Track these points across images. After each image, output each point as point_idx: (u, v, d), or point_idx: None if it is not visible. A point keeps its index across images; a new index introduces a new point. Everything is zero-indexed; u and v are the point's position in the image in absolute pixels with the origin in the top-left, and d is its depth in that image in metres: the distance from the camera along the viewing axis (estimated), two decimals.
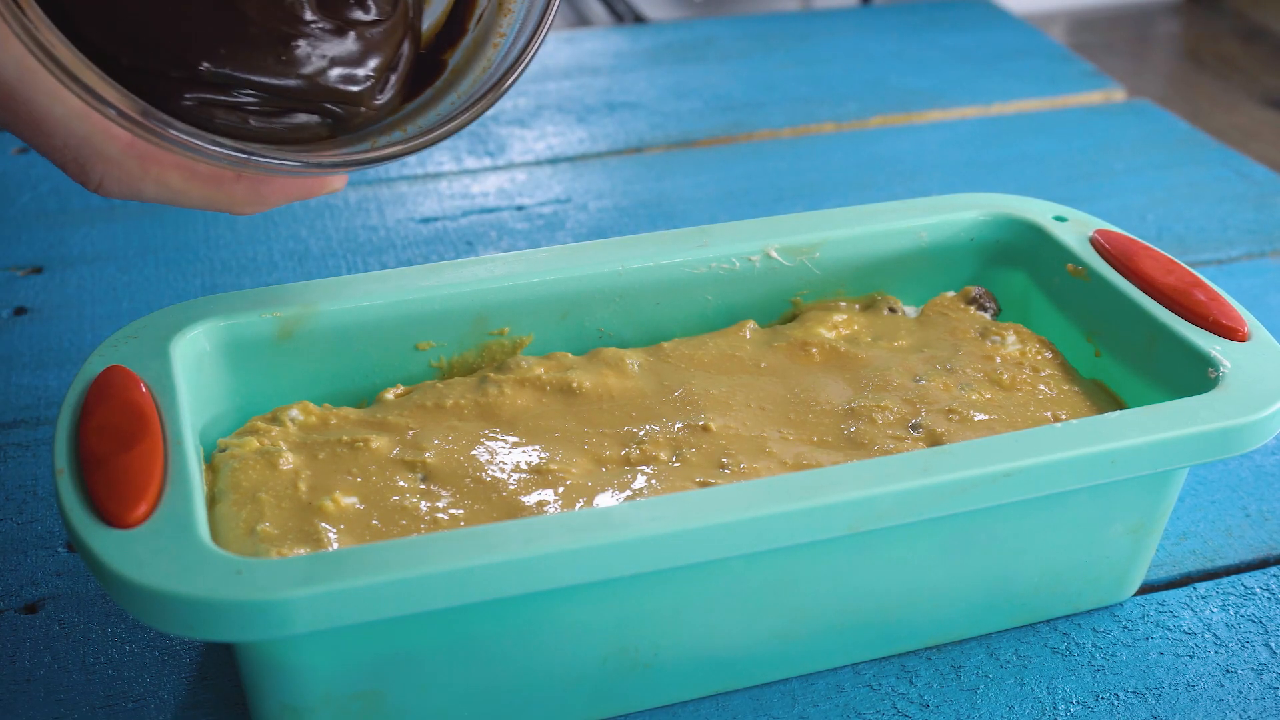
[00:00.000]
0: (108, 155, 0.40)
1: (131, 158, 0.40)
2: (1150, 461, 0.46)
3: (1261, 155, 1.56)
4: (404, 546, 0.40)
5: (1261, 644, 0.50)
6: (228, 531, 0.44)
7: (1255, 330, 0.50)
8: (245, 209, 0.45)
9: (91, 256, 0.74)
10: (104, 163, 0.40)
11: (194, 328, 0.49)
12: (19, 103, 0.38)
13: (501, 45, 0.48)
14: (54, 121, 0.38)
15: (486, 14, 0.49)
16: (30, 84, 0.38)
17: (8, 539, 0.54)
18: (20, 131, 0.39)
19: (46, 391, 0.63)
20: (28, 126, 0.39)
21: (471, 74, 0.48)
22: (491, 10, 0.49)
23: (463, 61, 0.49)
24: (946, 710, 0.47)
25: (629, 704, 0.47)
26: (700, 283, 0.55)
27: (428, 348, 0.53)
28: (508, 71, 0.47)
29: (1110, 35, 2.13)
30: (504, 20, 0.49)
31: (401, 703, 0.43)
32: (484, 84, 0.47)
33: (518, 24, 0.48)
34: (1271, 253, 0.76)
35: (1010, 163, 0.86)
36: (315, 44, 0.45)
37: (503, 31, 0.49)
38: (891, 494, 0.43)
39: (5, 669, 0.48)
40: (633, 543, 0.41)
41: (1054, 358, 0.54)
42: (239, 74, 0.43)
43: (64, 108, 0.38)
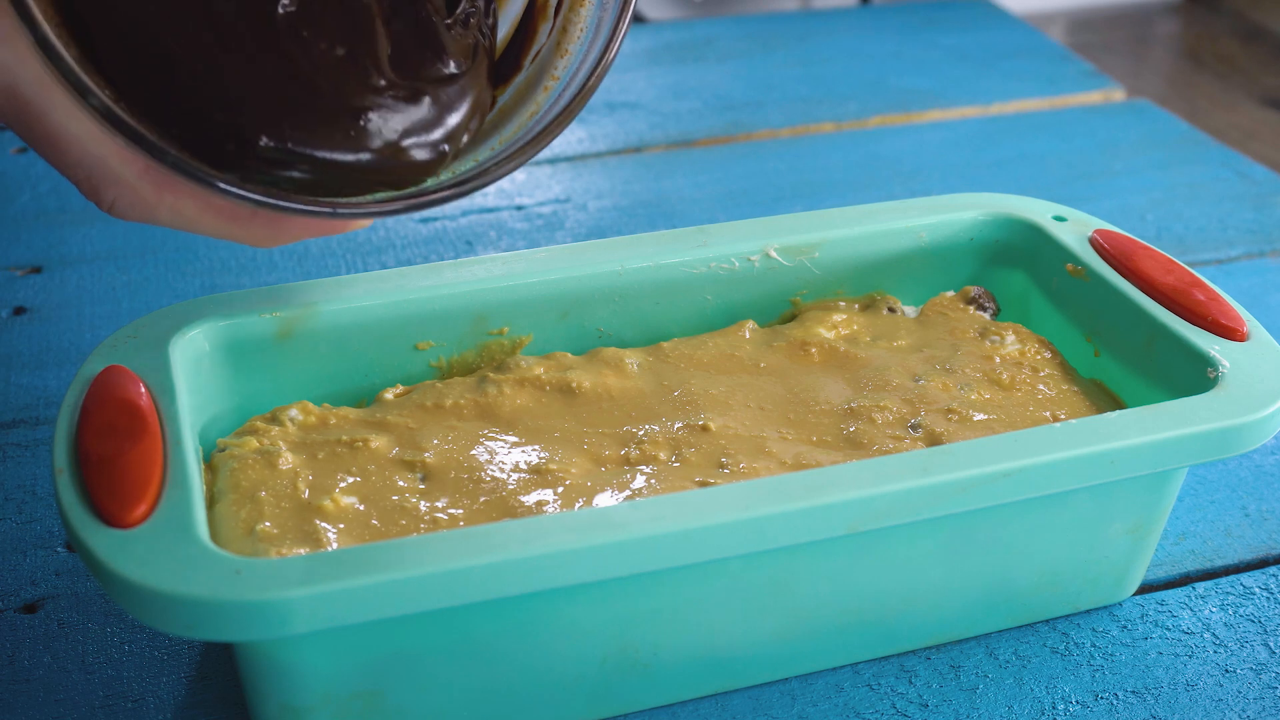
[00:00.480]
0: (122, 178, 0.39)
1: (146, 183, 0.39)
2: (1150, 461, 0.46)
3: (1261, 155, 1.56)
4: (404, 546, 0.40)
5: (1260, 644, 0.50)
6: (227, 531, 0.44)
7: (1255, 330, 0.50)
8: (262, 244, 0.44)
9: (91, 256, 0.74)
10: (117, 186, 0.39)
11: (194, 327, 0.49)
12: (35, 118, 0.38)
13: (553, 90, 0.46)
14: (69, 140, 0.38)
15: (544, 51, 0.47)
16: (47, 100, 0.37)
17: (7, 539, 0.54)
18: (36, 146, 0.38)
19: (46, 391, 0.63)
20: (43, 142, 0.38)
21: (518, 118, 0.46)
22: (549, 49, 0.47)
23: (512, 101, 0.47)
24: (946, 710, 0.47)
25: (629, 704, 0.47)
26: (700, 283, 0.55)
27: (427, 347, 0.53)
28: (554, 123, 0.44)
29: (1110, 35, 2.13)
30: (560, 62, 0.46)
31: (401, 703, 0.43)
32: (528, 132, 0.45)
33: (572, 67, 0.46)
34: (1271, 252, 0.76)
35: (1010, 163, 0.86)
36: (389, 115, 0.42)
37: (556, 74, 0.46)
38: (891, 494, 0.43)
39: (5, 669, 0.48)
40: (633, 543, 0.41)
41: (1053, 358, 0.54)
42: (302, 150, 0.41)
43: (80, 127, 0.38)
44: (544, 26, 0.47)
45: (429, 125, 0.43)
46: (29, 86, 0.37)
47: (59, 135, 0.38)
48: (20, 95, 0.37)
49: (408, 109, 0.42)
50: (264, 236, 0.43)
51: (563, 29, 0.47)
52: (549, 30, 0.47)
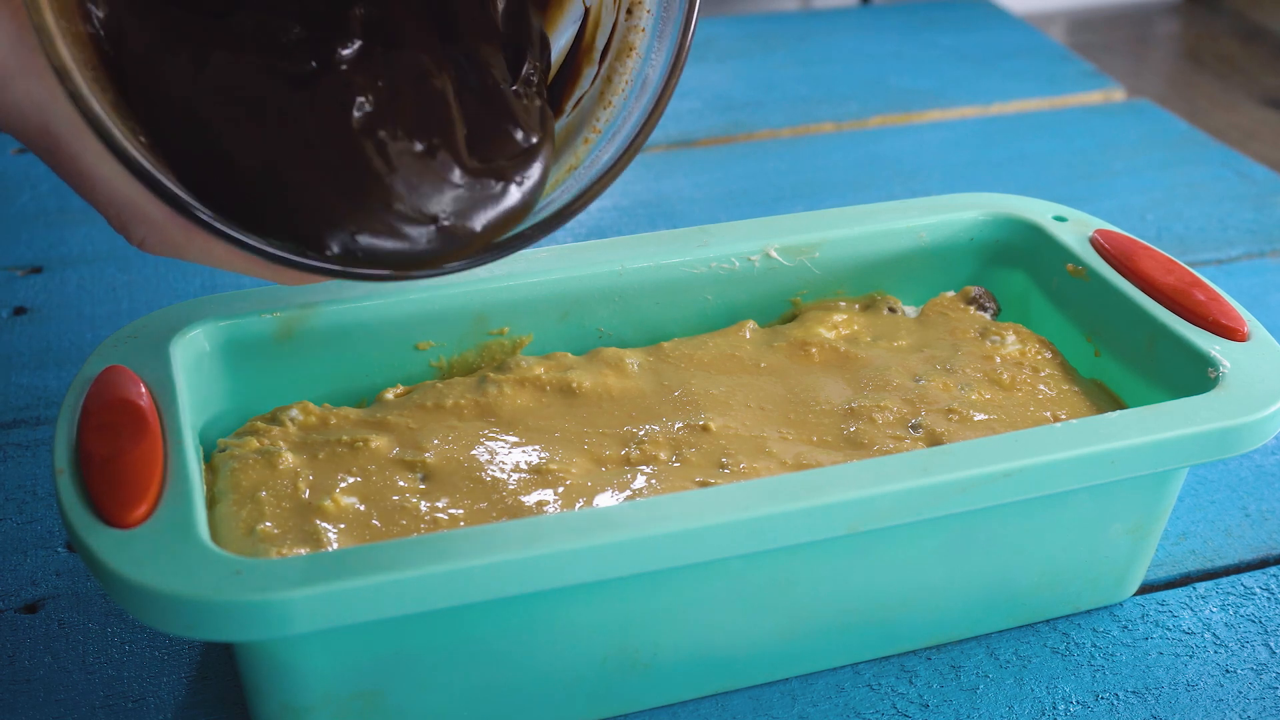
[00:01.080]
0: (152, 219, 0.39)
1: (176, 225, 0.39)
2: (1150, 461, 0.46)
3: (1261, 155, 1.56)
4: (404, 546, 0.40)
5: (1261, 644, 0.50)
6: (227, 531, 0.44)
7: (1255, 330, 0.50)
8: (292, 284, 0.43)
9: (91, 256, 0.74)
10: (147, 224, 0.39)
11: (194, 328, 0.49)
12: (66, 156, 0.38)
13: (593, 145, 0.44)
14: (100, 180, 0.38)
15: (587, 99, 0.45)
16: (78, 140, 0.37)
17: (8, 539, 0.54)
18: (68, 181, 0.38)
19: (46, 391, 0.63)
20: (74, 178, 0.38)
21: (556, 170, 0.44)
22: (592, 98, 0.45)
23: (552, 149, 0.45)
24: (946, 710, 0.47)
25: (629, 704, 0.47)
26: (700, 283, 0.55)
27: (427, 347, 0.53)
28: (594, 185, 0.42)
29: (1110, 35, 2.13)
30: (602, 114, 0.44)
31: (401, 703, 0.43)
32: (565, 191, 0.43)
33: (615, 122, 0.44)
34: (1271, 252, 0.76)
35: (1010, 163, 0.86)
36: (468, 210, 0.41)
37: (598, 127, 0.44)
38: (891, 494, 0.43)
39: (5, 669, 0.48)
40: (633, 543, 0.41)
41: (1054, 358, 0.54)
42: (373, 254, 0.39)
43: (111, 168, 0.37)
44: (588, 70, 0.46)
45: (510, 213, 0.42)
46: (62, 125, 0.37)
47: (90, 175, 0.38)
48: (53, 133, 0.37)
49: (487, 198, 0.41)
50: (294, 278, 0.43)
51: (607, 78, 0.45)
52: (593, 77, 0.46)
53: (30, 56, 0.36)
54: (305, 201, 0.39)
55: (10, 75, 0.36)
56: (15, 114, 0.37)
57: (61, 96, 0.36)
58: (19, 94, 0.37)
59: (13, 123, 0.37)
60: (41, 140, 0.38)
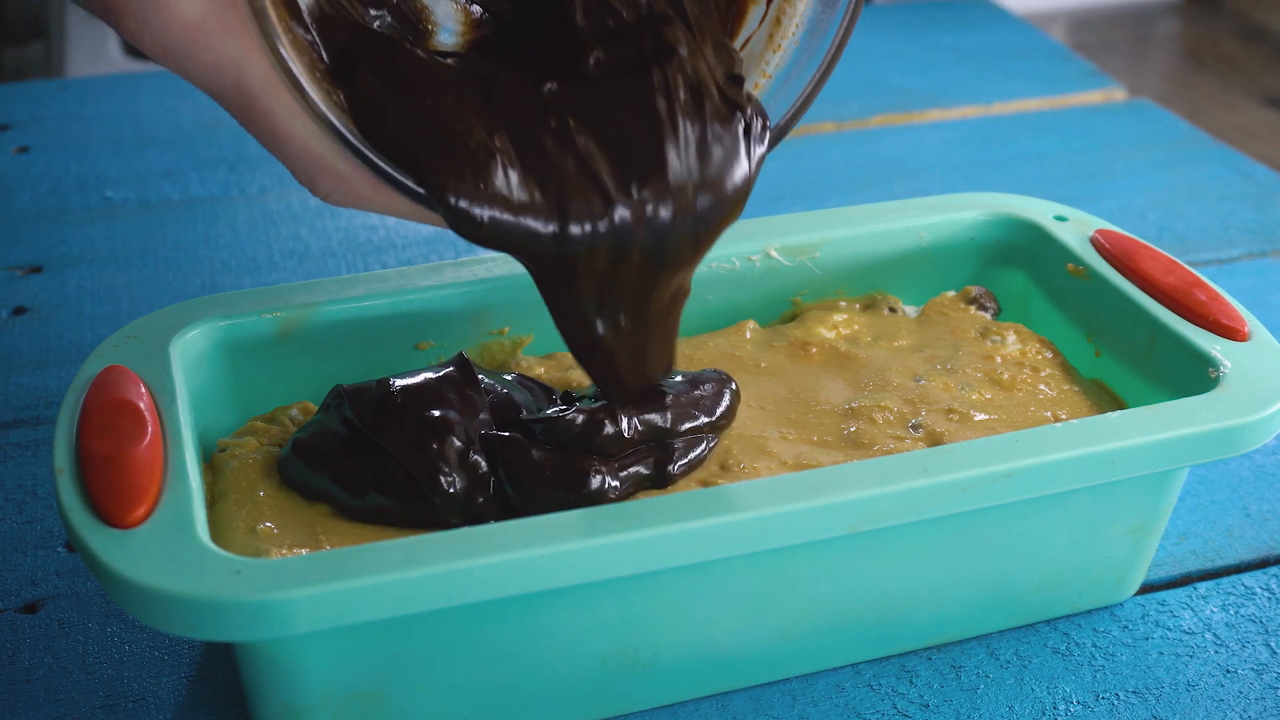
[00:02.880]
0: (340, 173, 0.40)
1: (364, 180, 0.40)
2: (1150, 461, 0.46)
3: (1262, 154, 1.56)
4: (404, 546, 0.40)
5: (1261, 644, 0.50)
6: (228, 531, 0.44)
7: (1256, 330, 0.50)
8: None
9: (91, 256, 0.74)
10: (334, 178, 0.40)
11: (194, 328, 0.49)
12: (260, 114, 0.39)
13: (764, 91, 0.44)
14: (292, 136, 0.39)
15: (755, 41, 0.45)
16: (274, 99, 0.38)
17: (7, 539, 0.54)
18: (258, 137, 0.40)
19: (46, 391, 0.63)
20: (265, 135, 0.39)
21: None
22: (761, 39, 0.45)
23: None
24: (946, 710, 0.47)
25: (629, 704, 0.47)
26: (700, 283, 0.55)
27: (427, 347, 0.53)
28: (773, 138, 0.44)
29: (1110, 35, 2.13)
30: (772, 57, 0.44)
31: (401, 703, 0.43)
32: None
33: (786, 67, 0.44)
34: (1272, 252, 0.76)
35: (1010, 163, 0.86)
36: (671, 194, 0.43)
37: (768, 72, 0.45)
38: (891, 494, 0.43)
39: (5, 669, 0.48)
40: (633, 543, 0.41)
41: (1054, 358, 0.54)
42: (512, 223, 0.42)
43: (303, 126, 0.39)
44: (754, 9, 0.45)
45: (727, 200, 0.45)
46: (256, 82, 0.38)
47: (281, 131, 0.39)
48: (247, 90, 0.39)
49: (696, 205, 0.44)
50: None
51: (775, 19, 0.45)
52: (761, 17, 0.45)
53: (227, 17, 0.37)
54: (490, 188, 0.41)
55: (208, 35, 0.38)
56: (212, 72, 0.38)
57: (256, 53, 0.37)
58: (216, 53, 0.38)
59: (209, 80, 0.38)
60: (235, 97, 0.39)
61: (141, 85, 0.95)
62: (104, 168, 0.83)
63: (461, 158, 0.40)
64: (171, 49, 0.38)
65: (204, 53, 0.38)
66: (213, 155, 0.85)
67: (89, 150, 0.85)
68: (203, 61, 0.38)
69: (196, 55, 0.38)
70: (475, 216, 0.41)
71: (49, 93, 0.94)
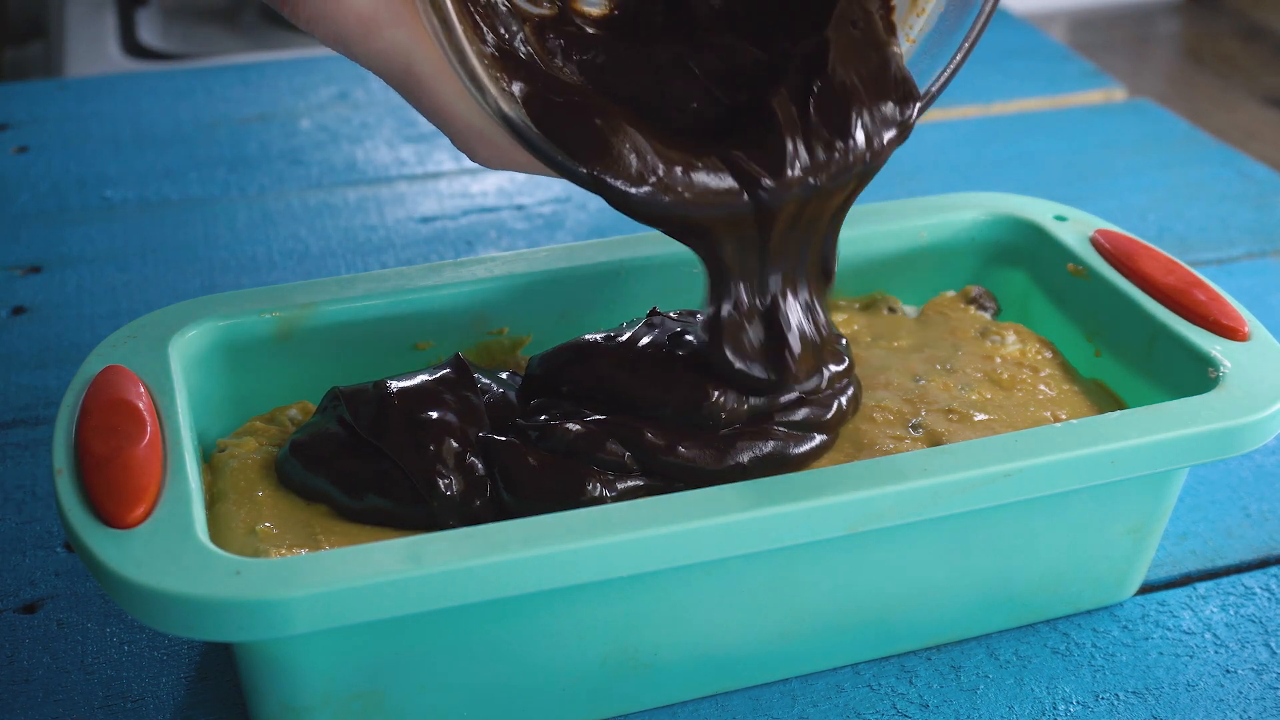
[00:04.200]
0: (499, 144, 0.43)
1: (522, 151, 0.43)
2: (1150, 461, 0.46)
3: (1262, 154, 1.56)
4: (404, 546, 0.40)
5: (1261, 644, 0.50)
6: (227, 531, 0.44)
7: (1256, 330, 0.50)
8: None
9: (90, 256, 0.74)
10: (492, 148, 0.43)
11: (193, 328, 0.49)
12: (426, 95, 0.42)
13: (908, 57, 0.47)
14: (455, 114, 0.42)
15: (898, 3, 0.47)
16: (440, 82, 0.41)
17: (6, 539, 0.54)
18: (423, 113, 0.43)
19: (45, 391, 0.63)
20: (430, 112, 0.42)
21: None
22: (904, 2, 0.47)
23: None
24: (946, 710, 0.47)
25: (629, 704, 0.47)
26: (700, 283, 0.55)
27: (427, 347, 0.53)
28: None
29: (1110, 35, 2.13)
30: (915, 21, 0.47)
31: (401, 703, 0.43)
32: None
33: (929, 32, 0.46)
34: (1272, 252, 0.76)
35: (1010, 163, 0.86)
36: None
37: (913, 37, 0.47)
38: (891, 494, 0.43)
39: (4, 669, 0.48)
40: (633, 543, 0.41)
41: (1054, 357, 0.54)
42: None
43: (466, 105, 0.42)
44: None
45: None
46: (424, 67, 0.41)
47: (446, 109, 0.42)
48: (415, 74, 0.41)
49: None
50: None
51: None
52: None
53: (398, 9, 0.40)
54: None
55: (380, 26, 0.40)
56: (383, 59, 0.41)
57: (425, 40, 0.40)
58: (386, 42, 0.41)
59: (379, 65, 0.42)
60: (403, 79, 0.42)
61: (141, 85, 0.95)
62: (103, 168, 0.83)
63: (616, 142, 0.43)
64: (344, 38, 0.41)
65: (376, 41, 0.41)
66: (212, 155, 0.85)
67: (88, 150, 0.85)
68: (375, 49, 0.41)
69: (369, 43, 0.41)
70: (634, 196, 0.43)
71: (48, 92, 0.94)
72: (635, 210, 0.44)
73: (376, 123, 0.90)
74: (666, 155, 0.44)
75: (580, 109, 0.43)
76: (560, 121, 0.43)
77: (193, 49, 1.29)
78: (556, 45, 0.45)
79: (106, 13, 1.31)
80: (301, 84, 0.95)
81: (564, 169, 0.43)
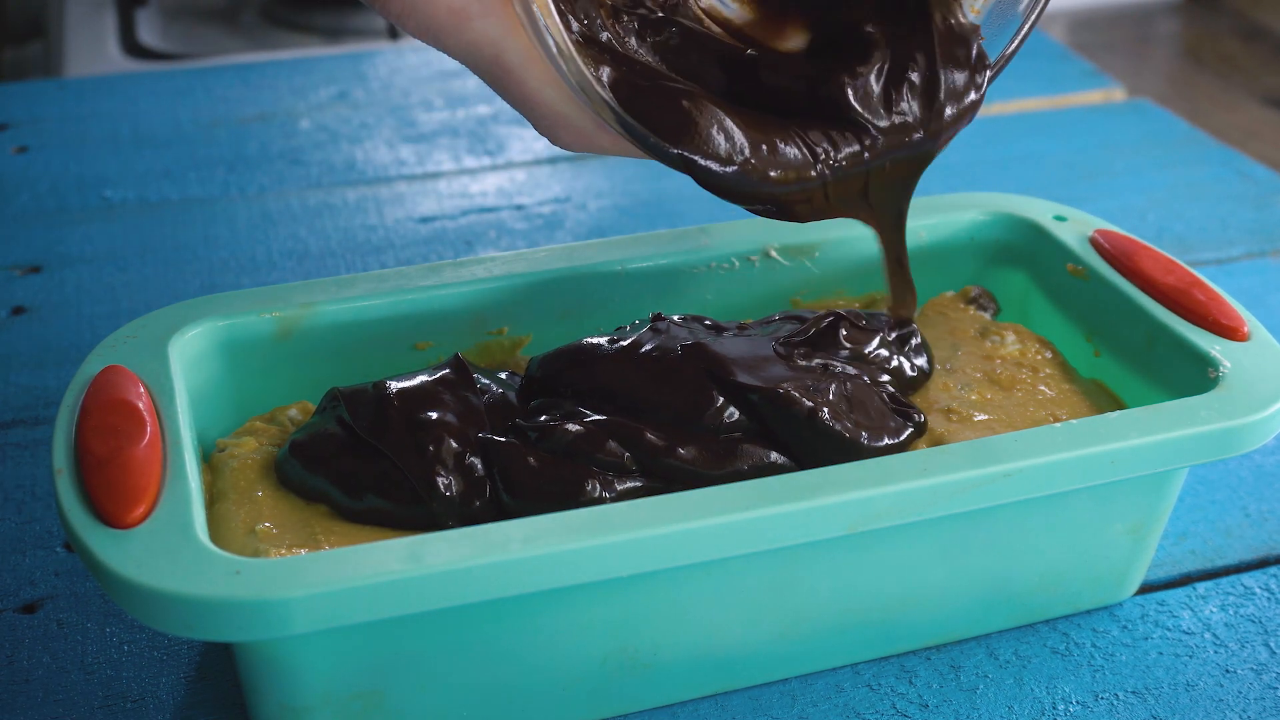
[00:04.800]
0: (584, 130, 0.44)
1: (603, 133, 0.44)
2: (1150, 461, 0.46)
3: (1261, 154, 1.56)
4: (404, 546, 0.40)
5: (1261, 644, 0.50)
6: (227, 531, 0.44)
7: (1255, 330, 0.50)
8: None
9: (90, 256, 0.74)
10: (576, 133, 0.45)
11: (193, 327, 0.49)
12: (514, 83, 0.43)
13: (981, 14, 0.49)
14: (541, 100, 0.43)
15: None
16: (528, 71, 0.43)
17: (6, 539, 0.54)
18: (509, 100, 0.44)
19: (45, 391, 0.63)
20: (517, 100, 0.44)
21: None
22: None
23: None
24: (946, 710, 0.47)
25: (629, 704, 0.47)
26: (700, 283, 0.55)
27: (427, 347, 0.53)
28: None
29: (1110, 35, 2.13)
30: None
31: (401, 703, 0.43)
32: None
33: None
34: (1272, 252, 0.76)
35: (1010, 163, 0.86)
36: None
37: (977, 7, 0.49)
38: (891, 494, 0.43)
39: (4, 669, 0.48)
40: (633, 543, 0.41)
41: (1054, 358, 0.54)
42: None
43: (553, 92, 0.43)
44: None
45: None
46: (514, 57, 0.42)
47: (532, 97, 0.43)
48: (504, 64, 0.43)
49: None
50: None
51: None
52: None
53: (488, 1, 0.42)
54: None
55: (471, 18, 0.42)
56: (473, 50, 0.43)
57: (515, 32, 0.42)
58: (476, 33, 0.42)
59: (468, 55, 0.43)
60: (491, 69, 0.43)
61: (140, 85, 0.95)
62: (103, 167, 0.83)
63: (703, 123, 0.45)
64: (435, 30, 0.42)
65: (467, 33, 0.42)
66: (211, 155, 0.85)
67: (88, 150, 0.85)
68: (465, 40, 0.42)
69: (460, 35, 0.42)
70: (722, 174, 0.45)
71: (48, 92, 0.94)
72: (722, 188, 0.45)
73: (376, 123, 0.90)
74: (751, 135, 0.45)
75: (666, 92, 0.45)
76: (649, 105, 0.44)
77: (193, 49, 1.29)
78: (630, 27, 0.47)
79: (106, 13, 1.31)
80: (301, 84, 0.95)
81: (654, 150, 0.44)
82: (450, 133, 0.89)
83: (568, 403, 0.47)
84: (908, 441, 0.47)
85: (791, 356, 0.48)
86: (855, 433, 0.46)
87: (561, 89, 0.43)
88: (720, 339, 0.49)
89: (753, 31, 0.50)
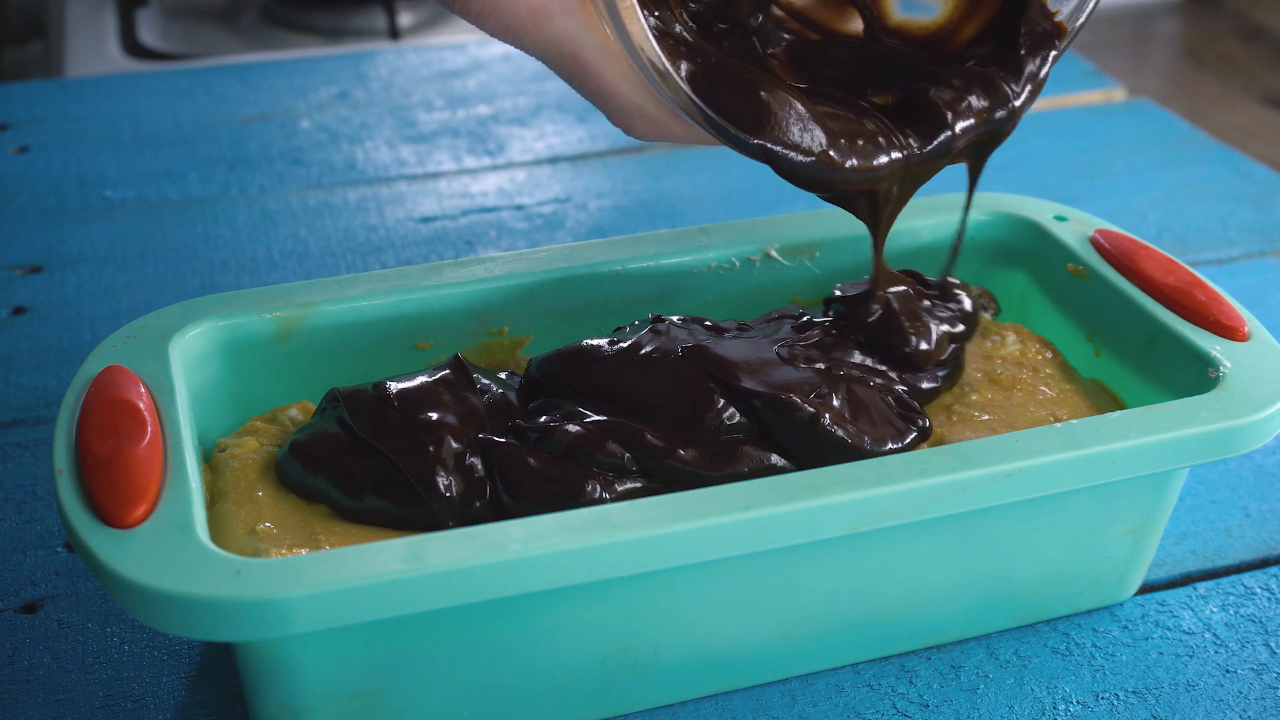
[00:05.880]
0: (655, 119, 0.45)
1: (676, 121, 0.45)
2: (1150, 461, 0.46)
3: (1261, 154, 1.56)
4: (404, 546, 0.40)
5: (1261, 644, 0.50)
6: (227, 531, 0.44)
7: (1255, 330, 0.50)
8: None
9: (90, 256, 0.74)
10: (650, 123, 0.46)
11: (193, 327, 0.49)
12: (592, 78, 0.44)
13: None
14: (618, 93, 0.45)
15: None
16: (606, 66, 0.44)
17: (7, 539, 0.54)
18: (586, 95, 0.45)
19: (46, 391, 0.63)
20: (594, 93, 0.45)
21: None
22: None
23: None
24: (946, 710, 0.47)
25: (629, 704, 0.47)
26: (700, 283, 0.55)
27: (427, 347, 0.53)
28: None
29: (1110, 34, 2.13)
30: None
31: (401, 703, 0.43)
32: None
33: None
34: (1272, 252, 0.76)
35: (1010, 163, 0.86)
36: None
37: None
38: (891, 494, 0.43)
39: (4, 669, 0.48)
40: (633, 543, 0.41)
41: (1054, 358, 0.54)
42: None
43: (628, 85, 0.44)
44: None
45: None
46: (591, 52, 0.44)
47: (611, 90, 0.45)
48: (581, 59, 0.44)
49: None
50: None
51: None
52: None
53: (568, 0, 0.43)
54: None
55: (550, 14, 0.43)
56: (552, 46, 0.44)
57: (592, 28, 0.43)
58: (555, 30, 0.43)
59: (546, 52, 0.44)
60: (569, 65, 0.44)
61: (140, 85, 0.95)
62: (103, 167, 0.83)
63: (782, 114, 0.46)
64: (516, 29, 0.43)
65: (546, 30, 0.43)
66: (212, 155, 0.85)
67: (88, 150, 0.85)
68: (545, 37, 0.44)
69: (540, 32, 0.43)
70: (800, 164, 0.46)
71: (48, 92, 0.94)
72: (799, 177, 0.46)
73: (376, 123, 0.90)
74: (828, 125, 0.46)
75: (745, 82, 0.45)
76: (728, 96, 0.45)
77: (193, 49, 1.29)
78: (701, 18, 0.48)
79: (106, 13, 1.31)
80: (301, 84, 0.95)
81: (734, 140, 0.45)
82: (450, 133, 0.89)
83: (568, 403, 0.47)
84: (911, 447, 0.47)
85: (794, 358, 0.48)
86: (857, 439, 0.46)
87: (637, 81, 0.44)
88: (720, 340, 0.49)
89: (814, 14, 0.51)
